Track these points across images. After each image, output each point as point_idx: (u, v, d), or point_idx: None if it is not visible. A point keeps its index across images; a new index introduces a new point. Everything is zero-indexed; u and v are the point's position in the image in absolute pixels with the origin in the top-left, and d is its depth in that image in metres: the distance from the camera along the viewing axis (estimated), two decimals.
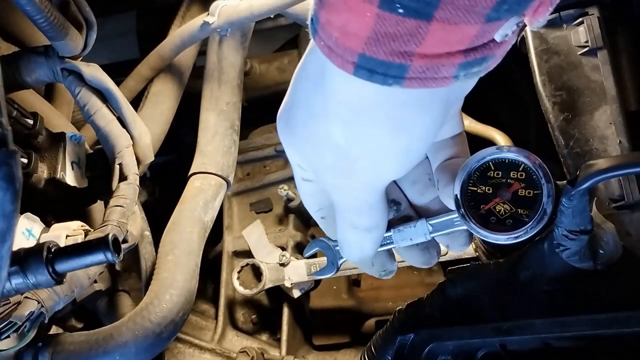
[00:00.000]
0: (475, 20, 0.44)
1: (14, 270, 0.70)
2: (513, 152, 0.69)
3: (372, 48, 0.46)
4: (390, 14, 0.43)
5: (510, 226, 0.72)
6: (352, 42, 0.47)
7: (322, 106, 0.55)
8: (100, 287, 1.06)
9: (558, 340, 0.74)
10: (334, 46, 0.48)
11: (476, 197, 0.70)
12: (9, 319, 0.77)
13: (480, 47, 0.46)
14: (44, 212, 0.90)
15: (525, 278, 0.77)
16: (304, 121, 0.58)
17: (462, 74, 0.48)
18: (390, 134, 0.54)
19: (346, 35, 0.47)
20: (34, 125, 0.92)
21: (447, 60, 0.46)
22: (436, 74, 0.47)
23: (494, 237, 0.73)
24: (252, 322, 1.27)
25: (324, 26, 0.48)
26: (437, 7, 0.42)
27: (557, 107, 0.77)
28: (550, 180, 0.70)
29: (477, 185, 0.70)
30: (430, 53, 0.46)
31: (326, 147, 0.57)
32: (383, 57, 0.46)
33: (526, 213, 0.71)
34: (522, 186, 0.70)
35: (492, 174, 0.70)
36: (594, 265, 0.71)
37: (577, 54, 0.77)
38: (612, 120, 0.74)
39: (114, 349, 0.90)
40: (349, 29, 0.46)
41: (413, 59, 0.46)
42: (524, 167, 0.70)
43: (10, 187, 0.52)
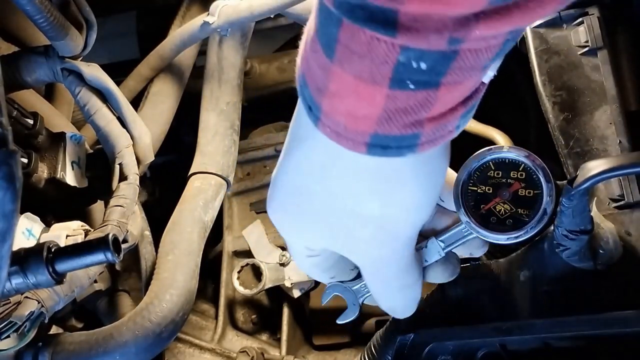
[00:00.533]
0: (477, 74, 0.45)
1: (14, 270, 0.70)
2: (513, 152, 0.69)
3: (384, 126, 0.46)
4: (400, 92, 0.43)
5: (511, 226, 0.72)
6: (362, 125, 0.46)
7: (341, 187, 0.55)
8: (101, 287, 1.06)
9: (558, 340, 0.74)
10: (343, 131, 0.48)
11: (476, 197, 0.70)
12: (9, 318, 0.77)
13: (474, 93, 0.48)
14: (44, 212, 0.90)
15: (525, 278, 0.77)
16: (316, 208, 0.57)
17: (462, 122, 0.49)
18: (422, 189, 0.56)
19: (355, 120, 0.46)
20: (34, 125, 0.92)
21: (451, 115, 0.47)
22: (444, 131, 0.48)
23: (494, 237, 0.73)
24: (252, 322, 1.27)
25: (329, 114, 0.48)
26: (445, 74, 0.42)
27: (557, 107, 0.77)
28: (550, 180, 0.70)
29: (477, 185, 0.70)
30: (437, 115, 0.46)
31: (359, 224, 0.57)
32: (396, 132, 0.46)
33: (526, 213, 0.71)
34: (522, 186, 0.70)
35: (492, 174, 0.70)
36: (594, 265, 0.71)
37: (577, 54, 0.77)
38: (612, 120, 0.74)
39: (114, 348, 0.90)
40: (357, 114, 0.46)
41: (424, 126, 0.46)
42: (524, 166, 0.70)
43: (10, 187, 0.52)
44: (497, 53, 0.43)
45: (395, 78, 0.42)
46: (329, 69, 0.45)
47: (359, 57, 0.42)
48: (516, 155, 0.70)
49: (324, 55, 0.45)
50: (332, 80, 0.45)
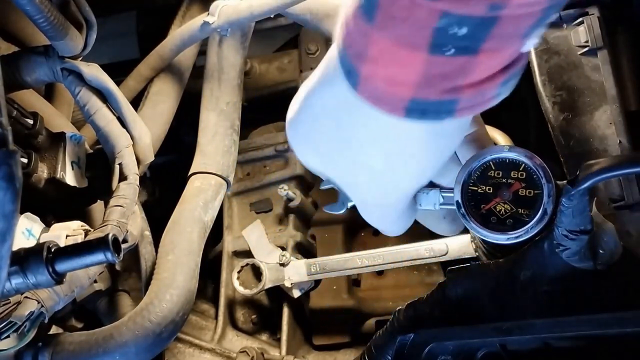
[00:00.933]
0: (516, 42, 0.45)
1: (14, 270, 0.70)
2: (513, 152, 0.69)
3: (422, 91, 0.47)
4: (439, 57, 0.44)
5: (511, 226, 0.72)
6: (401, 90, 0.47)
7: (357, 138, 0.56)
8: (100, 287, 1.06)
9: (558, 340, 0.74)
10: (381, 96, 0.48)
11: (477, 197, 0.70)
12: (9, 318, 0.77)
13: (515, 61, 0.48)
14: (44, 212, 0.90)
15: (525, 278, 0.77)
16: (332, 147, 0.59)
17: (503, 90, 0.49)
18: (428, 159, 0.58)
19: (394, 85, 0.47)
20: (34, 125, 0.92)
21: (490, 83, 0.48)
22: (483, 98, 0.49)
23: (494, 237, 0.73)
24: (252, 322, 1.27)
25: (368, 79, 0.48)
26: (484, 40, 0.43)
27: (557, 107, 0.77)
28: (550, 180, 0.70)
29: (478, 185, 0.71)
30: (476, 81, 0.47)
31: (360, 170, 0.59)
32: (434, 97, 0.47)
33: (527, 213, 0.71)
34: (522, 186, 0.70)
35: (493, 174, 0.71)
36: (594, 265, 0.71)
37: (577, 54, 0.77)
38: (612, 120, 0.74)
39: (114, 348, 0.90)
40: (396, 79, 0.46)
41: (462, 92, 0.47)
42: (524, 167, 0.70)
43: (10, 187, 0.52)
44: (538, 21, 0.43)
45: (435, 43, 0.43)
46: (369, 35, 0.45)
47: (400, 22, 0.43)
48: (517, 155, 0.70)
49: (365, 20, 0.45)
50: (372, 45, 0.45)
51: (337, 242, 1.26)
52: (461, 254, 0.96)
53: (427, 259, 1.01)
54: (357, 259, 1.07)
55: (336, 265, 1.09)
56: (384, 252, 1.05)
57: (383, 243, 1.24)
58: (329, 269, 1.09)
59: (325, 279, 1.20)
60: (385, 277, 1.25)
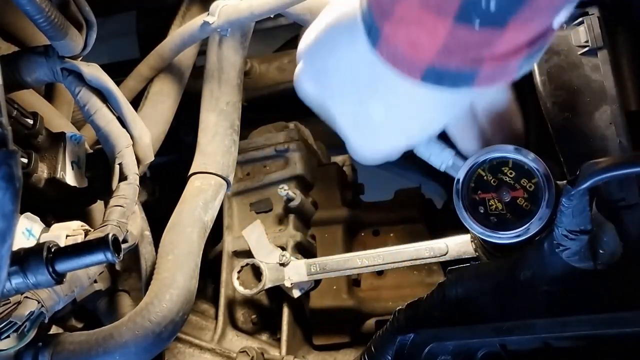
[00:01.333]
0: (547, 16, 0.44)
1: (13, 270, 0.70)
2: (535, 163, 0.70)
3: (442, 59, 0.45)
4: (465, 26, 0.43)
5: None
6: (421, 55, 0.46)
7: (366, 89, 0.55)
8: (100, 287, 1.06)
9: (558, 340, 0.74)
10: (400, 57, 0.47)
11: (479, 181, 0.71)
12: (8, 318, 0.77)
13: (541, 36, 0.46)
14: (44, 212, 0.90)
15: (525, 278, 0.77)
16: (340, 86, 0.58)
17: (525, 65, 0.48)
18: (433, 122, 0.57)
19: (415, 48, 0.46)
20: (34, 125, 0.92)
21: (514, 57, 0.46)
22: (504, 71, 0.47)
23: (494, 237, 0.73)
24: (252, 322, 1.27)
25: (389, 38, 0.47)
26: (515, 13, 0.42)
27: (557, 107, 0.77)
28: (550, 180, 0.71)
29: (487, 172, 0.71)
30: (499, 54, 0.45)
31: (359, 115, 0.58)
32: (453, 67, 0.46)
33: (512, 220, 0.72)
34: (524, 197, 0.71)
35: (506, 170, 0.72)
36: (594, 265, 0.71)
37: (577, 54, 0.77)
38: (612, 120, 0.74)
39: (114, 348, 0.90)
40: (418, 43, 0.45)
41: (484, 63, 0.46)
42: (537, 182, 0.71)
43: (10, 187, 0.52)
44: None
45: (462, 12, 0.42)
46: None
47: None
48: (536, 167, 0.71)
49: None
50: (399, 4, 0.44)
51: (337, 242, 1.26)
52: (461, 254, 0.96)
53: (427, 259, 1.01)
54: (357, 259, 1.07)
55: (336, 265, 1.09)
56: (384, 252, 1.05)
57: (383, 243, 1.24)
58: (329, 269, 1.09)
59: (325, 279, 1.20)
60: (385, 277, 1.25)
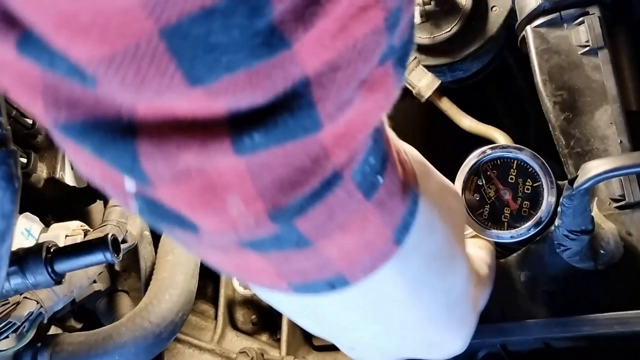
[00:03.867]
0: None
1: (13, 270, 0.70)
2: (539, 167, 0.70)
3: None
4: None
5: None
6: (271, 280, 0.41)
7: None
8: (100, 287, 1.06)
9: (559, 341, 0.74)
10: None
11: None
12: (8, 319, 0.77)
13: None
14: (43, 211, 0.90)
15: (525, 278, 0.77)
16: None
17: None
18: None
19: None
20: (33, 124, 0.92)
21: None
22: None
23: (495, 236, 0.73)
24: (252, 322, 1.27)
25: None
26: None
27: (558, 107, 0.76)
28: (552, 180, 0.71)
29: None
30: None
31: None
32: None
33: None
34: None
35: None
36: (595, 266, 0.71)
37: (578, 54, 0.77)
38: (613, 120, 0.74)
39: (113, 349, 0.90)
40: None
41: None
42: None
43: (9, 187, 0.51)
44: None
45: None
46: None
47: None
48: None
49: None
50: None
51: None
52: None
53: None
54: None
55: None
56: None
57: None
58: None
59: None
60: None
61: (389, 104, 0.35)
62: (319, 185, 0.32)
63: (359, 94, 0.31)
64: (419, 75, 0.91)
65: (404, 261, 0.42)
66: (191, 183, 0.30)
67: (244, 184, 0.30)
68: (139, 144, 0.28)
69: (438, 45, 0.91)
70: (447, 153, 0.84)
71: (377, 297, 0.44)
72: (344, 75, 0.29)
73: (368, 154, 0.35)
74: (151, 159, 0.28)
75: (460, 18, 0.89)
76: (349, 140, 0.32)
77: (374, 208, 0.37)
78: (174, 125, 0.28)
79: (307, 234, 0.34)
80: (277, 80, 0.27)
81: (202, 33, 0.24)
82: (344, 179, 0.33)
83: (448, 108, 0.93)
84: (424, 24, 0.89)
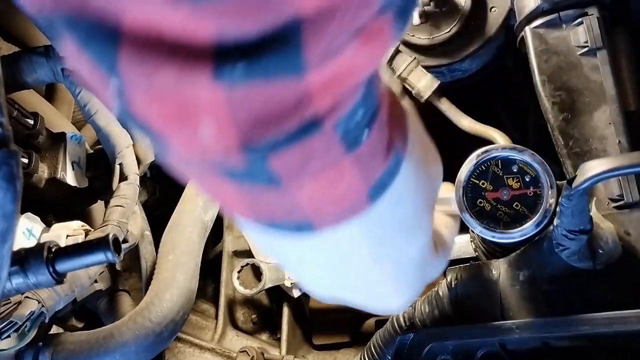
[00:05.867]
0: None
1: (14, 270, 0.70)
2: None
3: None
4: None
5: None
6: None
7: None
8: (101, 287, 1.06)
9: (557, 340, 0.74)
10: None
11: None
12: (9, 318, 0.77)
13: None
14: (44, 212, 0.90)
15: (524, 278, 0.77)
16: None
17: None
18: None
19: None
20: (35, 125, 0.92)
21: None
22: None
23: (496, 236, 0.73)
24: (252, 321, 1.27)
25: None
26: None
27: (557, 107, 0.77)
28: (552, 181, 0.71)
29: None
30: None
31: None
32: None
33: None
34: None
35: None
36: (593, 265, 0.71)
37: (577, 54, 0.77)
38: (612, 120, 0.74)
39: (114, 348, 0.91)
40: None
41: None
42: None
43: (11, 187, 0.52)
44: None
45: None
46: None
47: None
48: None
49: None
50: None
51: None
52: (461, 254, 0.96)
53: None
54: None
55: None
56: None
57: None
58: None
59: None
60: None
61: (382, 56, 0.34)
62: (296, 127, 0.32)
63: (352, 43, 0.30)
64: (418, 76, 0.91)
65: (371, 219, 0.42)
66: (165, 101, 0.30)
67: (221, 112, 0.30)
68: (121, 46, 0.28)
69: (437, 45, 0.91)
70: (446, 153, 0.85)
71: (338, 246, 0.44)
72: (341, 20, 0.28)
73: (356, 106, 0.34)
74: (130, 66, 0.28)
75: (460, 19, 0.89)
76: (335, 88, 0.32)
77: (352, 162, 0.36)
78: (158, 43, 0.28)
79: (279, 173, 0.34)
80: (268, 14, 0.27)
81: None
82: (325, 126, 0.33)
83: (447, 108, 0.93)
84: (423, 24, 0.89)
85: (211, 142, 0.31)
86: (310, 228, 0.40)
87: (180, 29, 0.27)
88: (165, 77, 0.28)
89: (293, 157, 0.33)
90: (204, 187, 0.38)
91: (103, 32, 0.28)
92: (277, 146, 0.32)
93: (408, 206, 0.46)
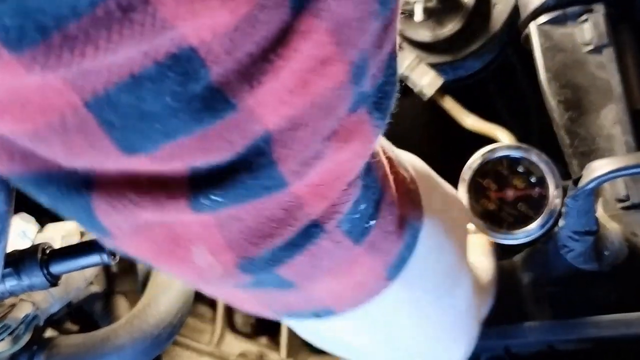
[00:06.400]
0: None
1: (8, 272, 0.69)
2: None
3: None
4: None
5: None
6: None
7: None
8: (96, 289, 1.05)
9: (563, 343, 0.73)
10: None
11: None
12: (4, 321, 0.76)
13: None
14: (38, 212, 0.89)
15: (529, 280, 0.76)
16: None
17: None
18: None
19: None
20: None
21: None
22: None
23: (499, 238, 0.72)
24: (251, 324, 1.26)
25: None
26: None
27: (562, 106, 0.76)
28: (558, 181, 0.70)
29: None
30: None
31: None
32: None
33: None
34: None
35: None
36: (599, 267, 0.70)
37: (583, 52, 0.76)
38: (618, 119, 0.73)
39: (110, 351, 0.90)
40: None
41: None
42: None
43: (3, 187, 0.51)
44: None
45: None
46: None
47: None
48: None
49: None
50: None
51: None
52: None
53: None
54: None
55: None
56: None
57: None
58: None
59: None
60: None
61: (368, 149, 0.33)
62: (295, 235, 0.31)
63: (329, 146, 0.30)
64: (421, 74, 0.90)
65: (404, 288, 0.41)
66: (153, 235, 0.29)
67: (211, 235, 0.29)
68: (93, 199, 0.27)
69: (440, 42, 0.90)
70: (450, 152, 0.84)
71: (375, 322, 0.44)
72: (306, 131, 0.28)
73: (357, 202, 0.34)
74: (107, 214, 0.28)
75: (463, 15, 0.88)
76: (327, 190, 0.31)
77: (364, 251, 0.36)
78: (131, 181, 0.27)
79: (290, 278, 0.34)
80: (235, 140, 0.26)
81: (133, 102, 0.24)
82: (328, 229, 0.32)
83: (451, 107, 0.92)
84: (426, 21, 0.88)
85: (208, 267, 0.31)
86: (329, 313, 0.40)
87: (152, 169, 0.27)
88: (146, 214, 0.28)
89: (301, 263, 0.33)
90: (211, 293, 0.38)
91: (73, 185, 0.27)
92: (280, 257, 0.32)
93: (441, 261, 0.45)
